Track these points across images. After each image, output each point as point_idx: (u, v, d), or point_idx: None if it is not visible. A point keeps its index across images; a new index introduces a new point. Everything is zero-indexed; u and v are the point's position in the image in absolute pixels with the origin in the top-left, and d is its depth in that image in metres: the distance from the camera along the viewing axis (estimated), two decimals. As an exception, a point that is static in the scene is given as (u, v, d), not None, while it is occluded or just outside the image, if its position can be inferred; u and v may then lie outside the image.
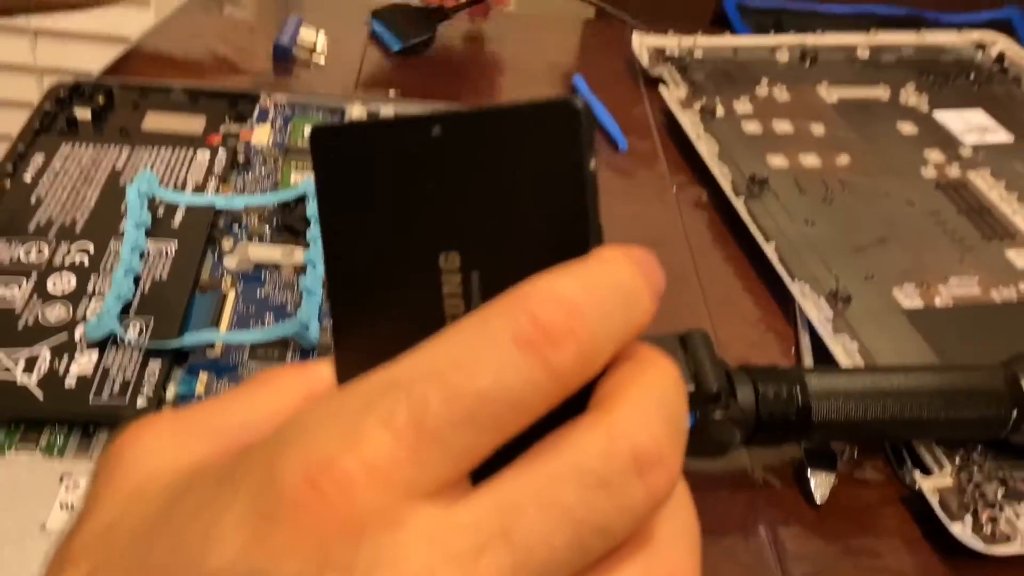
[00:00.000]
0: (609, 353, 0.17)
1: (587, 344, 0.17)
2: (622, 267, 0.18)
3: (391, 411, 0.16)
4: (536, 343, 0.16)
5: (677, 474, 0.17)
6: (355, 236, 0.20)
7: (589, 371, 0.17)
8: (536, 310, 0.17)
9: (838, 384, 0.40)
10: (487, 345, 0.16)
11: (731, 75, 0.72)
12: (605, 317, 0.17)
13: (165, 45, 0.72)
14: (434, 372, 0.16)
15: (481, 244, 0.19)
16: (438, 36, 0.76)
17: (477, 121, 0.19)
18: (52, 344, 0.39)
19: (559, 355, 0.16)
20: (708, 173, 0.60)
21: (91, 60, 1.19)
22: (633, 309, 0.18)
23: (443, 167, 0.19)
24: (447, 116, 0.19)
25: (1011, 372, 0.41)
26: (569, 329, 0.17)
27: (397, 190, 0.20)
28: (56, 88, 0.56)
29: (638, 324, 0.18)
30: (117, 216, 0.46)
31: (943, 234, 0.56)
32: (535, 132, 0.19)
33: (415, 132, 0.19)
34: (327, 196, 0.20)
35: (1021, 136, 0.67)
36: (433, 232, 0.19)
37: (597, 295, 0.17)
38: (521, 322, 0.17)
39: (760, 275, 0.54)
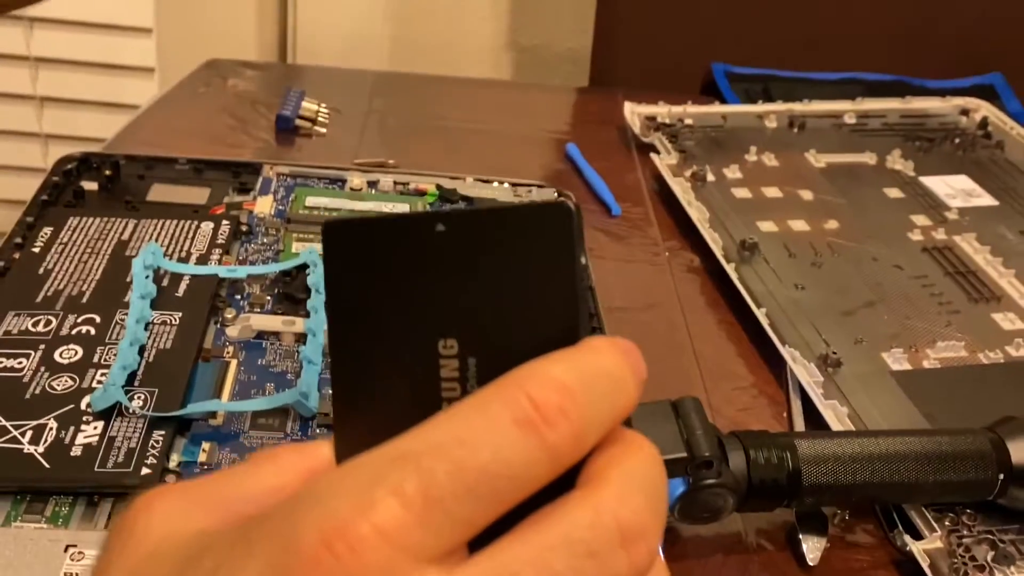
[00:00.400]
0: (598, 434, 0.19)
1: (579, 425, 0.18)
2: (610, 356, 0.20)
3: (401, 481, 0.17)
4: (534, 422, 0.18)
5: (657, 547, 0.19)
6: (360, 321, 0.22)
7: (580, 450, 0.19)
8: (533, 392, 0.18)
9: (828, 449, 0.41)
10: (488, 424, 0.18)
11: (721, 142, 0.74)
12: (595, 401, 0.19)
13: (171, 116, 0.74)
14: (440, 447, 0.18)
15: (478, 332, 0.21)
16: (435, 104, 0.78)
17: (478, 219, 0.21)
18: (59, 414, 0.40)
19: (554, 434, 0.18)
20: (700, 238, 0.61)
21: (96, 127, 1.22)
22: (619, 394, 0.20)
23: (445, 260, 0.21)
24: (451, 214, 0.21)
25: (997, 436, 0.42)
26: (563, 411, 0.18)
27: (401, 280, 0.21)
28: (64, 160, 0.58)
29: (624, 408, 0.20)
30: (123, 287, 0.47)
31: (930, 297, 0.57)
32: (531, 231, 0.21)
33: (420, 227, 0.21)
34: (335, 285, 0.22)
35: (1005, 200, 0.69)
36: (433, 319, 0.21)
37: (588, 380, 0.19)
38: (520, 403, 0.18)
39: (752, 339, 0.55)
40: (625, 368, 0.20)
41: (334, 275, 0.22)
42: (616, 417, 0.20)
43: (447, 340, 0.21)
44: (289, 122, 0.72)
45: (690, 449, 0.37)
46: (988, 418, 0.43)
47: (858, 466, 0.40)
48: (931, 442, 0.42)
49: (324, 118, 0.73)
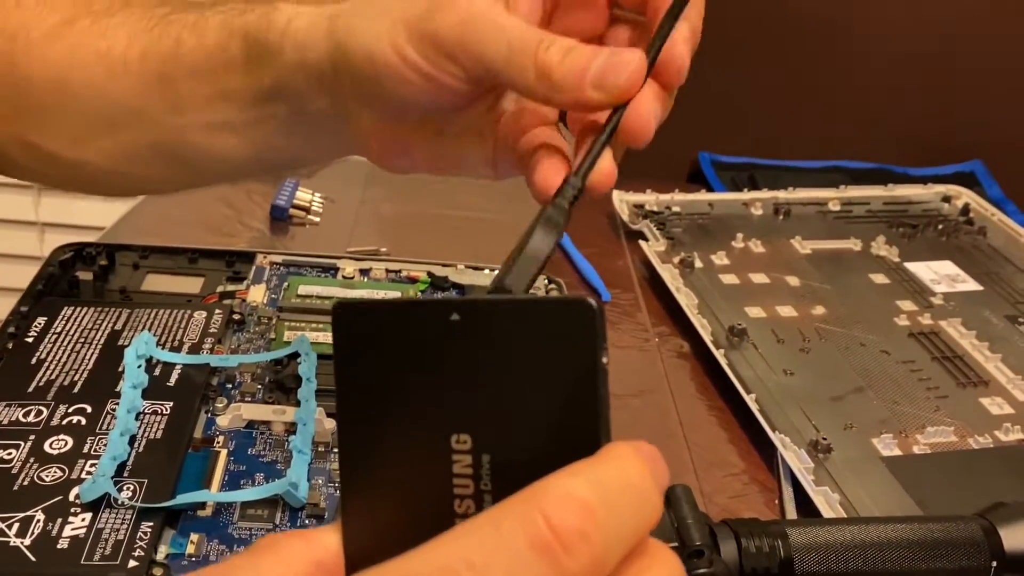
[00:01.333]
0: (620, 555, 0.18)
1: (600, 549, 0.17)
2: (633, 466, 0.19)
3: None
4: (551, 547, 0.17)
5: None
6: (369, 408, 0.21)
7: (601, 573, 0.18)
8: (550, 512, 0.17)
9: (820, 537, 0.41)
10: (501, 545, 0.17)
11: (708, 229, 0.75)
12: (618, 520, 0.18)
13: (167, 205, 0.75)
14: (448, 569, 0.17)
15: (492, 429, 0.20)
16: (427, 192, 0.79)
17: (494, 310, 0.20)
18: (46, 506, 0.40)
19: (573, 561, 0.17)
20: (689, 324, 0.62)
21: (94, 216, 1.23)
22: (644, 508, 0.19)
23: (459, 351, 0.20)
24: (465, 303, 0.20)
25: (989, 523, 0.42)
26: (583, 534, 0.17)
27: (413, 368, 0.20)
28: (60, 250, 0.58)
29: (648, 523, 0.19)
30: (115, 377, 0.48)
31: (918, 383, 0.58)
32: (551, 326, 0.20)
33: (434, 315, 0.20)
34: (345, 368, 0.21)
35: (989, 285, 0.70)
36: (446, 412, 0.20)
37: (610, 497, 0.18)
38: (536, 524, 0.17)
39: (742, 425, 0.55)
40: (649, 479, 0.19)
41: (343, 358, 0.21)
42: (640, 533, 0.18)
43: (460, 435, 0.20)
44: (283, 211, 0.73)
45: (681, 538, 0.37)
46: (980, 504, 0.43)
47: (850, 554, 0.40)
48: (923, 529, 0.42)
49: (318, 207, 0.74)
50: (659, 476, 0.19)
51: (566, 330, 0.20)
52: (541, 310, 0.20)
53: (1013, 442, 0.53)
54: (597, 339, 0.19)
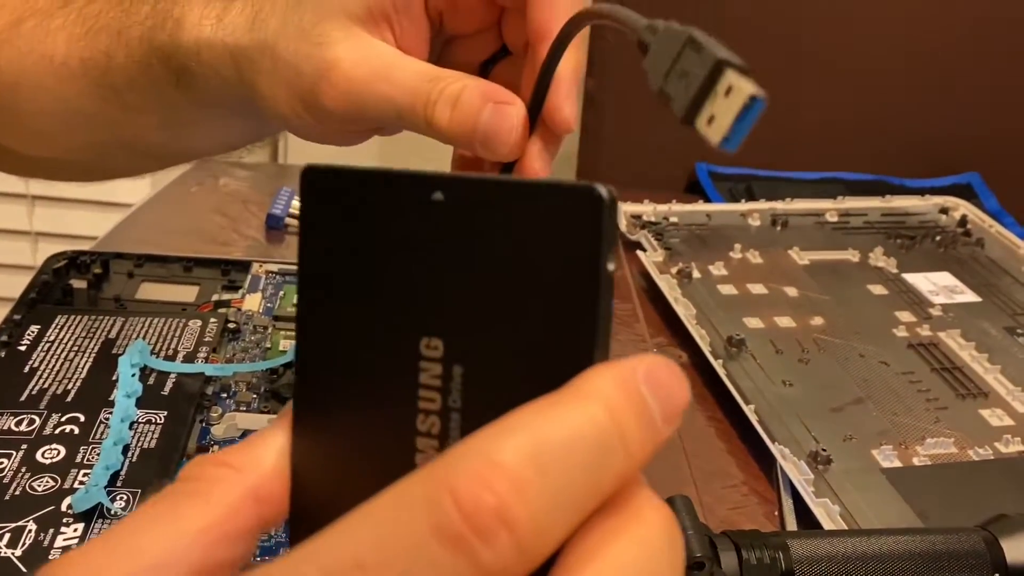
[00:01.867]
0: (562, 534, 0.14)
1: (527, 533, 0.14)
2: (598, 409, 0.15)
3: None
4: (461, 536, 0.13)
5: None
6: (333, 296, 0.18)
7: (533, 561, 0.14)
8: (463, 489, 0.14)
9: (821, 549, 0.40)
10: (400, 537, 0.14)
11: (706, 240, 0.75)
12: (560, 490, 0.14)
13: (162, 214, 0.75)
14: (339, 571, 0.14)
15: (469, 336, 0.17)
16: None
17: (485, 191, 0.17)
18: (38, 516, 0.39)
19: (491, 552, 0.13)
20: (687, 334, 0.62)
21: (88, 226, 1.23)
22: (604, 467, 0.15)
23: (440, 237, 0.17)
24: (452, 179, 0.17)
25: (991, 534, 0.42)
26: (502, 516, 0.14)
27: (386, 253, 0.18)
28: (54, 259, 0.58)
29: (611, 484, 0.15)
30: (109, 386, 0.47)
31: (918, 394, 0.58)
32: (549, 216, 0.16)
33: (414, 191, 0.17)
34: (310, 244, 0.19)
35: (988, 297, 0.69)
36: (419, 311, 0.17)
37: (549, 459, 0.14)
38: (444, 506, 0.14)
39: (741, 437, 0.55)
40: (622, 422, 0.15)
41: (310, 231, 0.19)
42: (597, 500, 0.15)
43: (431, 339, 0.17)
44: (279, 221, 0.72)
45: (681, 549, 0.37)
46: (980, 516, 0.43)
47: (851, 566, 0.40)
48: (924, 541, 0.41)
49: (314, 216, 0.74)
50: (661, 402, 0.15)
51: (566, 222, 0.16)
52: (539, 195, 0.17)
53: (1013, 454, 0.53)
54: (603, 235, 0.16)
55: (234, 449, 0.19)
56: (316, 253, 0.18)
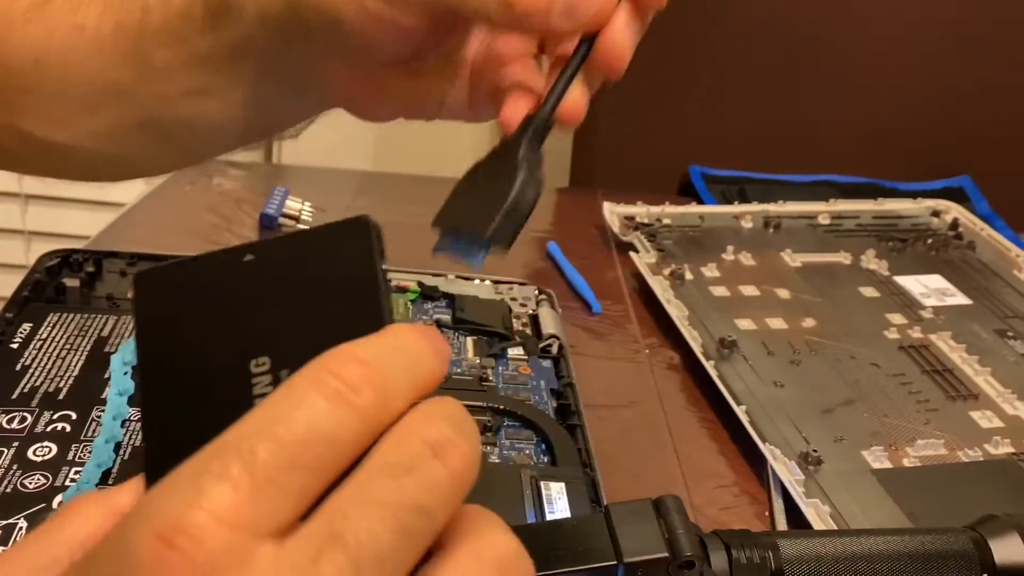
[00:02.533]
0: (403, 397, 0.20)
1: (382, 390, 0.19)
2: (407, 334, 0.21)
3: (225, 466, 0.18)
4: (339, 391, 0.19)
5: (472, 456, 0.20)
6: (169, 356, 0.22)
7: (388, 411, 0.20)
8: (333, 367, 0.19)
9: (811, 549, 0.40)
10: (298, 401, 0.19)
11: (698, 241, 0.75)
12: (395, 369, 0.20)
13: (155, 214, 0.75)
14: (257, 431, 0.18)
15: (289, 345, 0.21)
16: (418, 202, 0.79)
17: (284, 243, 0.22)
18: (29, 513, 0.39)
19: (361, 398, 0.19)
20: (679, 336, 0.62)
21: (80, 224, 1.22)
22: (419, 364, 0.21)
23: (253, 286, 0.22)
24: (258, 243, 0.22)
25: (979, 535, 0.42)
26: (365, 378, 0.19)
27: (211, 311, 0.22)
28: (46, 257, 0.58)
29: (425, 376, 0.21)
30: (101, 384, 0.47)
31: (908, 396, 0.58)
32: (334, 246, 0.22)
33: (229, 260, 0.22)
34: (143, 333, 0.22)
35: (978, 299, 0.70)
36: (244, 342, 0.21)
37: (387, 354, 0.20)
38: (323, 378, 0.19)
39: (733, 437, 0.55)
40: (422, 343, 0.21)
41: (143, 322, 0.22)
42: (420, 385, 0.21)
43: (259, 359, 0.21)
44: (273, 220, 0.72)
45: (671, 549, 0.37)
46: (970, 516, 0.43)
47: (841, 566, 0.40)
48: (913, 541, 0.41)
49: (308, 216, 0.74)
50: (435, 344, 0.21)
51: (346, 245, 0.21)
52: (323, 233, 0.22)
53: (1003, 455, 0.53)
54: (372, 247, 0.21)
55: (95, 491, 0.23)
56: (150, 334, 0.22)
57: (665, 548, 0.37)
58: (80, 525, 0.21)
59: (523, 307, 0.60)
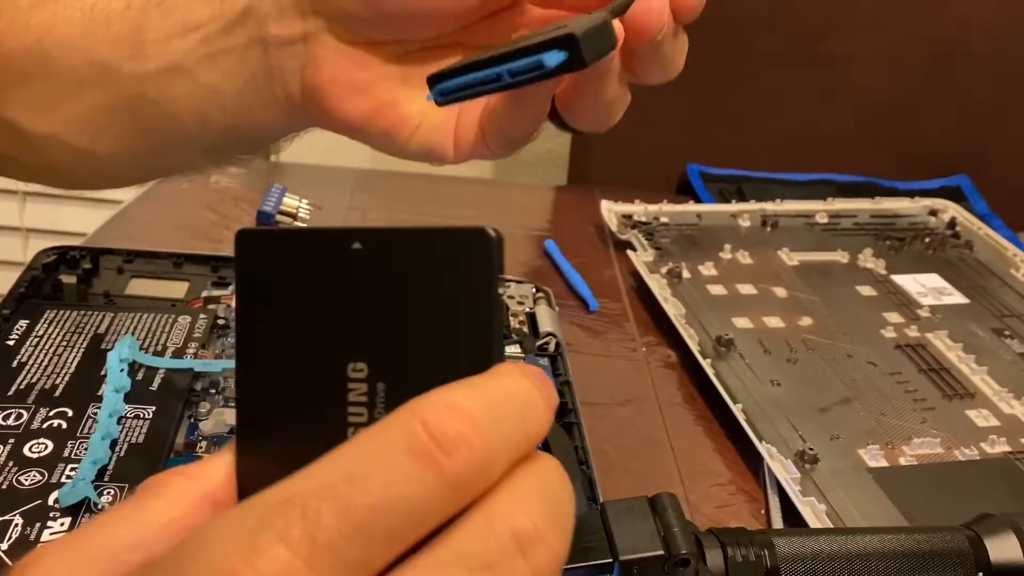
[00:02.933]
0: (506, 461, 0.18)
1: (481, 452, 0.17)
2: (518, 381, 0.19)
3: (287, 525, 0.17)
4: (429, 452, 0.17)
5: (561, 552, 0.18)
6: (268, 337, 0.21)
7: (485, 480, 0.18)
8: (429, 419, 0.17)
9: (807, 547, 0.40)
10: (380, 456, 0.17)
11: (696, 240, 0.75)
12: (500, 426, 0.18)
13: (152, 211, 0.75)
14: (327, 487, 0.17)
15: (389, 356, 0.20)
16: (416, 200, 0.79)
17: (396, 239, 0.21)
18: (25, 510, 0.39)
19: (453, 463, 0.17)
20: (676, 334, 0.62)
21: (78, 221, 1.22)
22: (528, 420, 0.19)
23: (359, 279, 0.20)
24: (367, 231, 0.21)
25: (975, 534, 0.42)
26: (462, 437, 0.17)
27: (313, 297, 0.21)
28: (43, 254, 0.58)
29: (533, 435, 0.19)
30: (97, 381, 0.47)
31: (905, 394, 0.58)
32: (450, 255, 0.20)
33: (336, 243, 0.21)
34: (246, 297, 0.21)
35: (975, 299, 0.70)
36: (344, 341, 0.20)
37: (492, 405, 0.18)
38: (415, 431, 0.17)
39: (729, 436, 0.55)
40: (534, 393, 0.19)
41: (245, 286, 0.21)
42: (526, 443, 0.19)
43: (357, 363, 0.20)
44: (270, 217, 0.72)
45: (667, 546, 0.37)
46: (966, 515, 0.43)
47: (837, 564, 0.40)
48: (909, 540, 0.41)
49: (305, 214, 0.74)
50: (545, 392, 0.19)
51: (465, 258, 0.20)
52: (439, 238, 0.20)
53: (999, 454, 0.53)
54: (493, 267, 0.20)
55: (190, 464, 0.22)
56: (251, 302, 0.21)
57: (661, 546, 0.37)
58: (167, 506, 0.20)
59: (520, 305, 0.60)
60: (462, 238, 0.20)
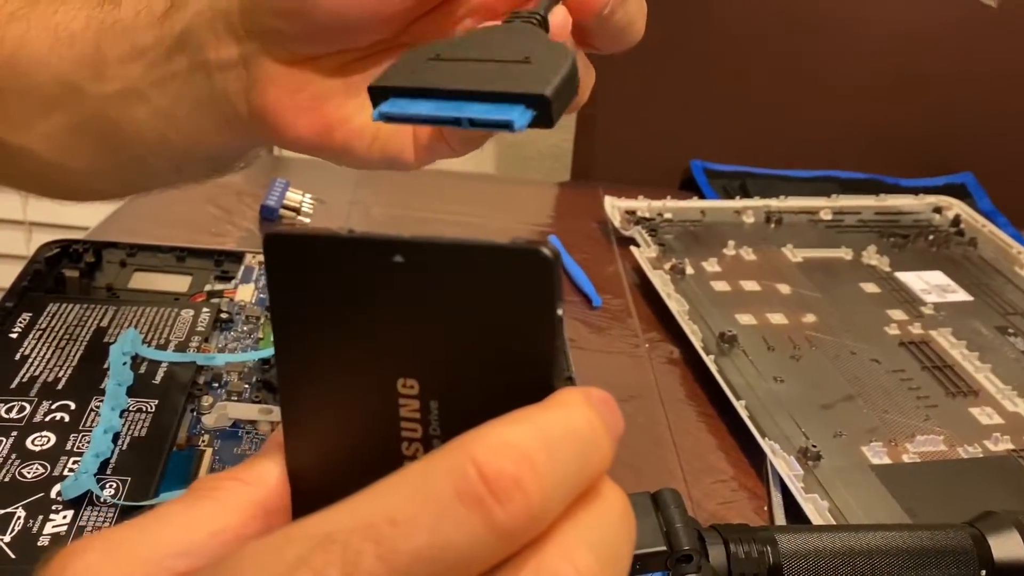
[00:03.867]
0: (562, 506, 0.17)
1: (536, 499, 0.16)
2: (580, 412, 0.18)
3: (325, 565, 0.16)
4: (481, 497, 0.16)
5: None
6: (310, 348, 0.20)
7: (538, 527, 0.16)
8: (483, 460, 0.16)
9: (809, 543, 0.40)
10: (427, 498, 0.16)
11: (699, 236, 0.75)
12: (559, 467, 0.17)
13: (155, 205, 0.75)
14: (371, 526, 0.16)
15: (441, 375, 0.19)
16: (419, 195, 0.79)
17: (442, 253, 0.19)
18: (27, 503, 0.39)
19: (505, 512, 0.16)
20: (679, 330, 0.62)
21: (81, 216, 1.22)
22: (591, 457, 0.17)
23: (403, 293, 0.19)
24: (410, 243, 0.19)
25: (978, 531, 0.42)
26: (517, 482, 0.16)
27: (354, 310, 0.19)
28: (46, 247, 0.58)
29: (595, 472, 0.18)
30: (100, 374, 0.47)
31: (908, 392, 0.58)
32: (503, 274, 0.18)
33: (376, 254, 0.19)
34: (281, 306, 0.20)
35: (980, 296, 0.70)
36: (391, 356, 0.19)
37: (552, 444, 0.17)
38: (466, 473, 0.16)
39: (732, 432, 0.55)
40: (598, 425, 0.18)
41: (278, 295, 0.20)
42: (585, 483, 0.17)
43: (407, 380, 0.19)
44: (273, 212, 0.72)
45: (669, 542, 0.37)
46: (968, 513, 0.43)
47: (839, 561, 0.40)
48: (912, 537, 0.41)
49: (308, 208, 0.74)
50: (610, 421, 0.18)
51: (519, 279, 0.18)
52: (491, 256, 0.18)
53: (1002, 452, 0.53)
54: (554, 288, 0.18)
55: (242, 466, 0.21)
56: (288, 311, 0.20)
57: (663, 541, 0.37)
58: (219, 513, 0.20)
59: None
60: (517, 257, 0.18)
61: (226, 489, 0.20)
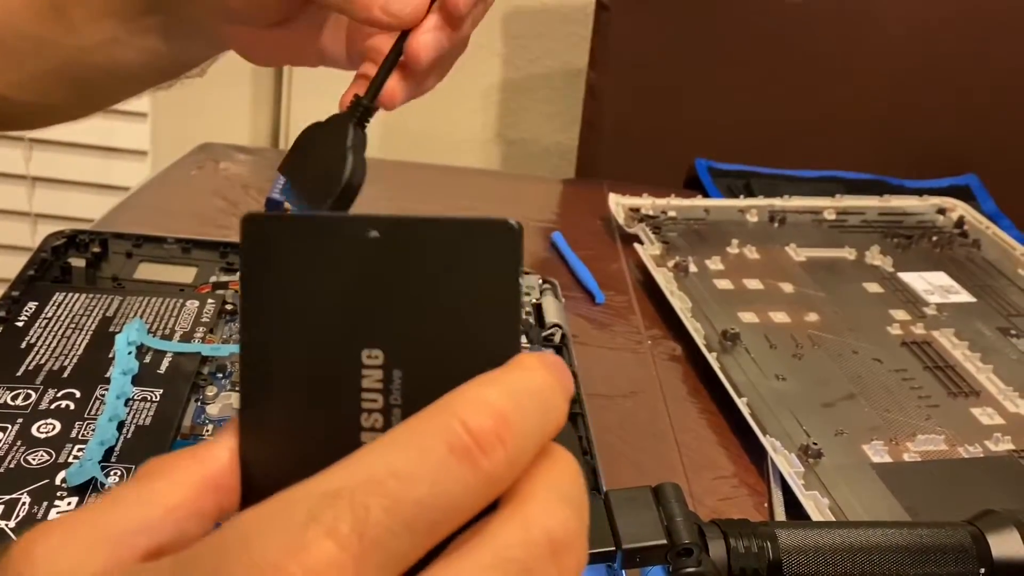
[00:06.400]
0: (532, 454, 0.19)
1: (513, 449, 0.18)
2: (540, 375, 0.20)
3: (335, 520, 0.17)
4: (469, 450, 0.18)
5: (584, 556, 0.19)
6: (275, 321, 0.20)
7: (515, 472, 0.19)
8: (468, 419, 0.18)
9: (809, 539, 0.40)
10: (424, 453, 0.18)
11: (703, 234, 0.75)
12: (528, 422, 0.19)
13: (161, 197, 0.75)
14: (375, 481, 0.17)
15: (406, 344, 0.20)
16: (424, 190, 0.79)
17: (415, 228, 0.20)
18: (32, 489, 0.40)
19: (490, 461, 0.18)
20: (682, 327, 0.62)
21: (87, 208, 1.22)
22: (550, 413, 0.20)
23: (375, 268, 0.20)
24: (385, 219, 0.20)
25: (978, 529, 0.42)
26: (498, 435, 0.18)
27: (325, 283, 0.20)
28: (53, 237, 0.58)
29: (555, 425, 0.20)
30: (105, 363, 0.47)
31: (910, 391, 0.58)
32: (471, 246, 0.20)
33: (351, 230, 0.20)
34: (251, 279, 0.20)
35: (982, 297, 0.70)
36: (358, 328, 0.20)
37: (521, 402, 0.19)
38: (455, 430, 0.18)
39: (733, 429, 0.55)
40: (555, 386, 0.20)
41: (250, 268, 0.20)
42: (547, 436, 0.20)
43: (372, 351, 0.20)
44: (279, 205, 0.72)
45: (670, 536, 0.37)
46: (968, 512, 0.43)
47: (839, 557, 0.40)
48: (912, 534, 0.42)
49: (313, 202, 0.74)
50: (564, 382, 0.20)
51: (486, 250, 0.20)
52: (460, 229, 0.20)
53: (1003, 452, 0.53)
54: (517, 260, 0.20)
55: (196, 446, 0.21)
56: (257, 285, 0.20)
57: (664, 535, 0.37)
58: (172, 489, 0.20)
59: (526, 296, 0.61)
60: (483, 229, 0.20)
61: (177, 467, 0.21)
